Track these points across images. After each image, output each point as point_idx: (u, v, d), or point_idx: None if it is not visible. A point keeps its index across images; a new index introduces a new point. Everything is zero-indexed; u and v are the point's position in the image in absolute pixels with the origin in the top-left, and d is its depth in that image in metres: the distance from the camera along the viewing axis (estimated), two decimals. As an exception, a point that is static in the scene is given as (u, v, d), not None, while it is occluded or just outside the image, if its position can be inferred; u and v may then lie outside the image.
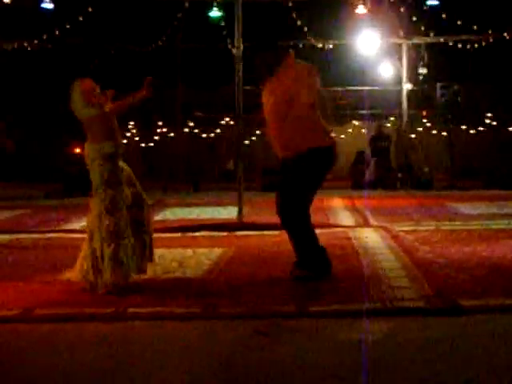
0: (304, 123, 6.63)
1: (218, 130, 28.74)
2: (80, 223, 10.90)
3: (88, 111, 6.47)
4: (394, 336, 4.90)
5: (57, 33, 18.19)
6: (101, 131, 6.47)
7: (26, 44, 19.19)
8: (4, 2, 17.35)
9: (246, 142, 26.09)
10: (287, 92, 6.62)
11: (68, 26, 17.89)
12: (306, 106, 6.63)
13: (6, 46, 19.44)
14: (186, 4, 19.72)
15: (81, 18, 17.57)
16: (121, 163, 6.58)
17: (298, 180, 6.65)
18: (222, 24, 19.22)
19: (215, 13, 19.20)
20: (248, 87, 14.45)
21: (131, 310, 5.62)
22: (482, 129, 27.48)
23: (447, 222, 11.11)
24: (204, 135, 28.79)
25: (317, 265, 6.66)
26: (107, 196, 6.39)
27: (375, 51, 21.92)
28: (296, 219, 6.66)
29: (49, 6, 17.58)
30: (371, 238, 9.43)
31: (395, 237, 9.29)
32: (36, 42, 19.11)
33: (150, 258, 6.70)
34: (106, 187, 6.41)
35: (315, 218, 7.06)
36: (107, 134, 6.48)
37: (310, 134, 6.65)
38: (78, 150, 18.67)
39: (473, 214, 12.30)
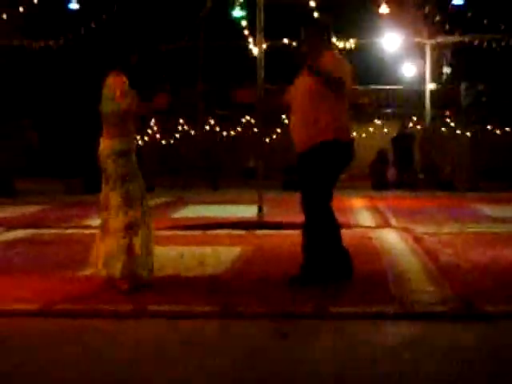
0: (332, 113, 6.47)
1: (239, 128, 28.70)
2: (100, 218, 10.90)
3: (118, 104, 6.46)
4: (415, 340, 4.84)
5: (82, 32, 18.36)
6: (119, 127, 6.49)
7: (51, 43, 19.35)
8: (33, 2, 17.54)
9: (267, 140, 26.06)
10: (332, 72, 6.40)
11: (93, 26, 18.02)
12: (341, 94, 6.48)
13: (34, 45, 19.64)
14: (209, 3, 19.71)
15: (104, 17, 17.68)
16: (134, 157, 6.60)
17: (314, 174, 6.52)
18: (244, 23, 19.18)
19: (238, 12, 19.17)
20: (269, 86, 14.41)
21: (150, 307, 5.60)
22: (507, 129, 27.21)
23: (471, 224, 10.98)
24: (225, 133, 28.76)
25: (328, 267, 6.50)
26: (124, 191, 6.42)
27: (398, 50, 21.80)
28: (318, 216, 6.54)
29: (75, 6, 17.71)
30: (393, 239, 9.35)
31: (417, 239, 9.19)
32: (62, 40, 19.29)
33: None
34: (122, 183, 6.43)
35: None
36: (123, 131, 6.51)
37: (332, 124, 6.49)
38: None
39: (498, 217, 12.10)
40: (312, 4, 18.56)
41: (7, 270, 7.30)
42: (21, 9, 17.96)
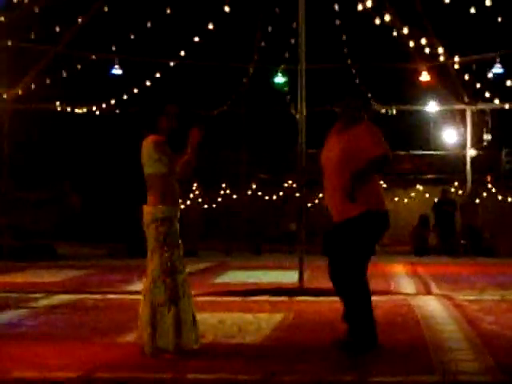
0: (363, 183, 6.47)
1: (281, 193, 28.79)
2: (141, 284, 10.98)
3: (158, 166, 6.45)
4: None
5: (125, 97, 18.66)
6: (162, 193, 6.45)
7: (94, 108, 19.73)
8: (77, 68, 17.93)
9: (309, 204, 26.09)
10: (359, 143, 6.52)
11: (136, 91, 18.32)
12: (371, 164, 6.50)
13: (78, 109, 20.04)
14: (251, 70, 20.04)
15: (148, 83, 17.98)
16: (176, 225, 6.56)
17: (351, 245, 6.56)
18: (286, 89, 19.44)
19: (279, 79, 19.45)
20: (312, 150, 14.54)
21: (190, 375, 5.59)
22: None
23: (512, 292, 10.89)
24: (267, 197, 28.86)
25: (367, 335, 6.51)
26: (164, 260, 6.39)
27: (439, 116, 21.89)
28: (349, 285, 6.58)
29: (118, 71, 18.07)
30: (433, 306, 9.30)
31: (458, 306, 9.16)
32: (104, 106, 19.65)
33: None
34: (162, 251, 6.41)
35: (375, 284, 7.00)
36: (167, 197, 6.47)
37: (368, 195, 6.56)
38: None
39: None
40: (353, 71, 18.80)
41: (49, 336, 7.31)
42: (64, 73, 18.35)
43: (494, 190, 26.14)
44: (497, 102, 19.76)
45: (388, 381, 5.43)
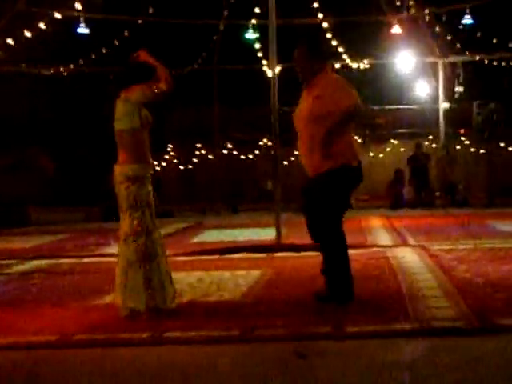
0: (337, 137, 6.48)
1: (257, 152, 28.80)
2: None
3: (130, 121, 6.35)
4: (433, 356, 4.86)
5: (93, 57, 18.37)
6: (133, 150, 6.36)
7: (62, 69, 19.36)
8: (40, 28, 17.51)
9: (285, 162, 26.12)
10: (326, 97, 6.49)
11: (104, 51, 18.05)
12: (343, 116, 6.50)
13: (44, 71, 19.65)
14: (222, 27, 19.88)
15: (117, 43, 17.73)
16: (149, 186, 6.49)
17: (326, 199, 6.55)
18: (257, 46, 19.32)
19: (250, 35, 19.31)
20: (285, 108, 14.52)
21: (168, 334, 5.61)
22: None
23: (486, 240, 11.02)
24: (242, 156, 28.87)
25: (345, 288, 6.55)
26: (135, 220, 6.33)
27: (411, 70, 21.89)
28: (326, 238, 6.62)
29: (84, 30, 17.75)
30: (409, 257, 9.39)
31: (433, 256, 9.25)
32: (72, 66, 19.29)
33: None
34: (133, 211, 6.33)
35: (353, 238, 7.04)
36: (139, 155, 6.39)
37: (342, 150, 6.54)
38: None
39: (512, 232, 12.17)
40: (325, 25, 18.70)
41: (24, 302, 7.28)
42: (28, 34, 17.94)
43: (467, 143, 26.32)
44: (468, 54, 19.76)
45: (364, 330, 5.47)
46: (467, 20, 17.88)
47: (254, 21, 18.56)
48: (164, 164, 27.50)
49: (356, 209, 17.97)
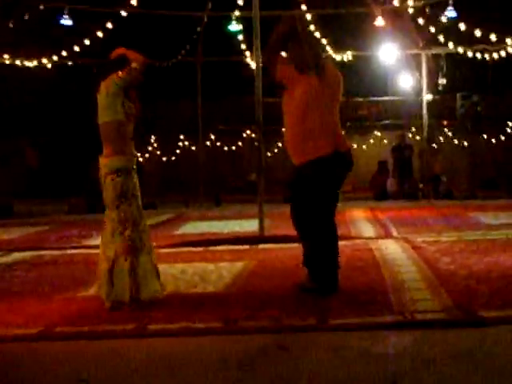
0: (326, 125, 6.56)
1: (240, 143, 28.81)
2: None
3: (114, 113, 6.35)
4: (416, 349, 4.88)
5: (76, 49, 18.20)
6: (118, 143, 6.37)
7: (45, 61, 19.19)
8: (24, 19, 17.36)
9: (269, 153, 26.15)
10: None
11: (87, 43, 17.90)
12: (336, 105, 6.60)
13: (28, 62, 19.43)
14: (205, 18, 19.82)
15: (100, 34, 17.58)
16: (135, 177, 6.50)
17: (314, 187, 6.58)
18: (241, 37, 19.26)
19: (234, 27, 19.25)
20: (269, 99, 14.52)
21: (152, 326, 5.62)
22: (503, 138, 27.40)
23: (469, 232, 11.07)
24: (226, 148, 28.87)
25: (328, 280, 6.58)
26: (121, 212, 6.35)
27: (395, 62, 21.91)
28: (314, 228, 6.62)
29: (68, 22, 17.59)
30: (392, 249, 9.41)
31: (416, 248, 9.28)
32: (55, 58, 19.10)
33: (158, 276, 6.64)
34: (119, 203, 6.35)
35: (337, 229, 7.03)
36: (123, 147, 6.39)
37: (331, 136, 6.59)
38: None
39: (494, 224, 12.21)
40: (308, 17, 18.65)
41: (5, 294, 7.22)
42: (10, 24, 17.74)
43: (450, 134, 26.44)
44: (451, 46, 19.79)
45: (347, 322, 5.49)
46: (450, 13, 17.89)
47: (237, 12, 18.47)
48: (147, 155, 27.45)
49: (340, 201, 17.96)
